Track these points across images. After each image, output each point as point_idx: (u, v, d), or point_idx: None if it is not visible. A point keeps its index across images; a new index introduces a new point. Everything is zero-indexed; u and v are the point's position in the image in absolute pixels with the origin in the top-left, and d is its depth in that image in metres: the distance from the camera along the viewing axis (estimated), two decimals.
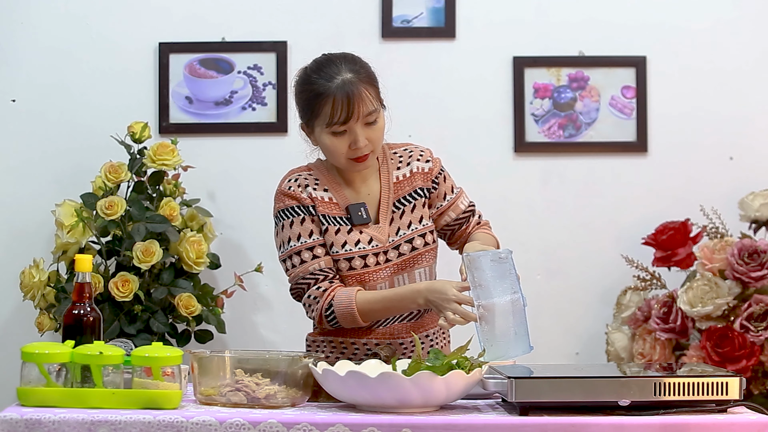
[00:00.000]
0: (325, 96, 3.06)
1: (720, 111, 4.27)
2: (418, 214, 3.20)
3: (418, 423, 2.51)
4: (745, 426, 2.53)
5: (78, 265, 2.77)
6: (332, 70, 3.08)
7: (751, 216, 4.08)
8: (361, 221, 3.14)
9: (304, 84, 3.12)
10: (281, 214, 3.15)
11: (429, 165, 3.23)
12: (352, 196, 3.18)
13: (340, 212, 3.15)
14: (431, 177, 3.23)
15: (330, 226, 3.13)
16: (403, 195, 3.20)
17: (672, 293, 3.96)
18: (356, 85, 3.06)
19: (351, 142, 3.07)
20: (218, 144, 4.24)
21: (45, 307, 3.96)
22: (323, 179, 3.17)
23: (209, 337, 4.03)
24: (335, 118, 3.05)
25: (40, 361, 2.61)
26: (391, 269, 3.15)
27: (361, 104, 3.06)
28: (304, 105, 3.12)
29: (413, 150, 3.26)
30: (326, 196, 3.15)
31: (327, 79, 3.07)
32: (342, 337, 3.18)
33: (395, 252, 3.15)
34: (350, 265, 3.11)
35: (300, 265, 3.11)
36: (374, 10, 4.25)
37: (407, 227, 3.17)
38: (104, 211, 3.87)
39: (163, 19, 4.25)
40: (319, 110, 3.07)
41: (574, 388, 2.58)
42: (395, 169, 3.22)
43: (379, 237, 3.15)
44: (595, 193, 4.27)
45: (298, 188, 3.14)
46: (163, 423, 2.51)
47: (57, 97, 4.24)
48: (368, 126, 3.09)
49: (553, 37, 4.27)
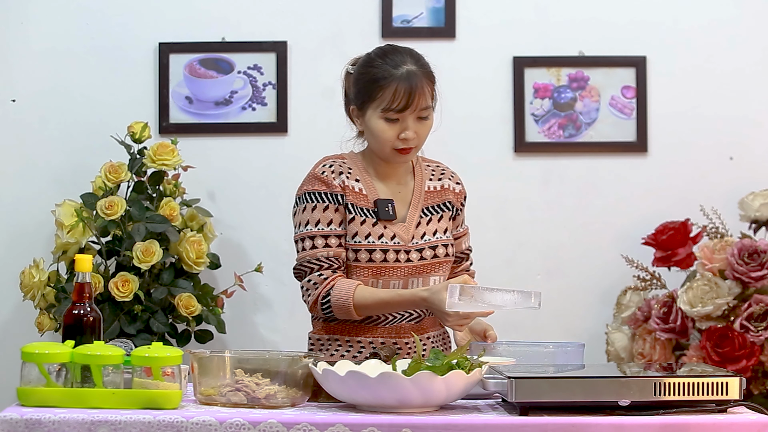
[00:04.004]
0: (388, 81, 3.11)
1: (720, 111, 4.27)
2: (444, 225, 3.25)
3: (418, 423, 2.51)
4: (745, 426, 2.53)
5: (78, 265, 2.77)
6: (398, 59, 3.15)
7: (751, 216, 4.07)
8: (386, 217, 3.18)
9: (368, 66, 3.17)
10: (307, 196, 3.17)
11: (459, 187, 3.33)
12: (383, 191, 3.21)
13: (368, 204, 3.18)
14: (460, 199, 3.32)
15: (356, 216, 3.16)
16: (433, 204, 3.26)
17: (672, 293, 3.96)
18: (419, 77, 3.12)
19: (401, 132, 3.12)
20: (218, 144, 4.24)
21: (45, 307, 3.96)
22: (356, 170, 3.21)
23: (209, 337, 4.03)
24: (394, 105, 3.10)
25: (40, 361, 2.60)
26: (408, 269, 3.17)
27: (421, 97, 3.11)
28: (363, 86, 3.16)
29: (445, 169, 3.34)
30: (357, 186, 3.18)
31: (392, 65, 3.13)
32: (347, 335, 3.20)
33: (417, 254, 3.18)
34: (370, 257, 3.14)
35: (310, 249, 3.14)
36: (374, 10, 4.25)
37: (432, 234, 3.22)
38: (104, 211, 3.86)
39: (163, 19, 4.25)
40: (378, 94, 3.12)
41: (574, 388, 2.58)
42: (428, 179, 3.28)
43: (402, 235, 3.18)
44: (595, 193, 4.26)
45: (331, 174, 3.17)
46: (163, 423, 2.51)
47: (57, 97, 4.24)
48: (420, 120, 3.14)
49: (553, 37, 4.27)
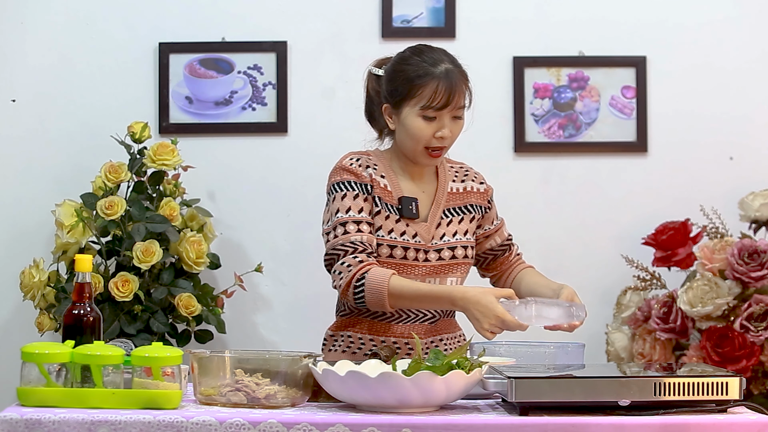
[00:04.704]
0: (428, 78, 3.10)
1: (720, 111, 4.26)
2: (465, 227, 3.25)
3: (418, 423, 2.51)
4: (745, 426, 2.53)
5: (78, 265, 2.76)
6: (436, 57, 3.15)
7: (751, 216, 4.07)
8: (410, 215, 3.18)
9: (404, 64, 3.15)
10: (336, 187, 3.16)
11: (484, 187, 3.32)
12: (407, 189, 3.21)
13: (392, 201, 3.18)
14: (486, 198, 3.32)
15: (382, 210, 3.16)
16: (456, 205, 3.25)
17: (672, 293, 3.96)
18: (458, 76, 3.14)
19: (437, 130, 3.12)
20: (218, 144, 4.24)
21: (45, 307, 3.96)
22: (381, 166, 3.21)
23: (209, 337, 4.03)
24: (434, 102, 3.10)
25: (40, 361, 2.60)
26: (427, 269, 3.17)
27: (459, 96, 3.12)
28: (400, 83, 3.14)
29: (468, 170, 3.34)
30: (383, 182, 3.18)
31: (431, 63, 3.13)
32: (361, 333, 3.19)
33: (436, 254, 3.18)
34: (391, 253, 3.14)
35: (342, 235, 3.10)
36: (374, 10, 4.25)
37: (452, 235, 3.21)
38: (104, 211, 3.86)
39: (163, 19, 4.24)
40: (416, 91, 3.11)
41: (574, 388, 2.58)
42: (451, 180, 3.28)
43: (423, 235, 3.18)
44: (595, 193, 4.26)
45: (359, 167, 3.17)
46: (163, 423, 2.51)
47: (57, 97, 4.23)
48: (455, 120, 3.15)
49: (553, 37, 4.27)
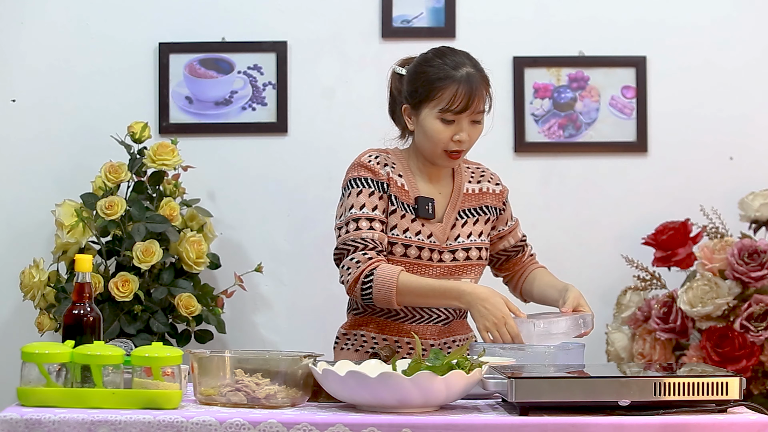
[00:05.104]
0: (449, 81, 3.10)
1: (720, 110, 4.26)
2: (480, 228, 3.26)
3: (418, 423, 2.51)
4: (745, 426, 2.53)
5: (78, 265, 2.77)
6: (458, 60, 3.15)
7: (751, 216, 4.07)
8: (426, 215, 3.18)
9: (426, 66, 3.16)
10: (352, 182, 3.17)
11: (499, 188, 3.34)
12: (424, 189, 3.22)
13: (408, 200, 3.18)
14: (502, 199, 3.33)
15: (397, 209, 3.16)
16: (471, 206, 3.26)
17: (672, 293, 3.96)
18: (479, 80, 3.13)
19: (455, 134, 3.12)
20: (218, 144, 4.24)
21: (45, 307, 3.96)
22: (399, 165, 3.22)
23: (209, 337, 4.03)
24: (453, 106, 3.10)
25: (40, 361, 2.60)
26: (441, 269, 3.18)
27: (479, 100, 3.12)
28: (420, 85, 3.14)
29: (485, 171, 3.35)
30: (400, 181, 3.19)
31: (453, 66, 3.12)
32: (374, 332, 3.21)
33: (450, 255, 3.18)
34: (405, 252, 3.15)
35: (354, 231, 3.11)
36: (374, 10, 4.25)
37: (467, 237, 3.22)
38: (104, 211, 3.86)
39: (163, 19, 4.24)
40: (436, 94, 3.11)
41: (574, 388, 2.58)
42: (467, 181, 3.28)
43: (438, 235, 3.18)
44: (596, 193, 4.26)
45: (377, 164, 3.18)
46: (163, 423, 2.51)
47: (57, 97, 4.23)
48: (473, 124, 3.15)
49: (553, 37, 4.26)
